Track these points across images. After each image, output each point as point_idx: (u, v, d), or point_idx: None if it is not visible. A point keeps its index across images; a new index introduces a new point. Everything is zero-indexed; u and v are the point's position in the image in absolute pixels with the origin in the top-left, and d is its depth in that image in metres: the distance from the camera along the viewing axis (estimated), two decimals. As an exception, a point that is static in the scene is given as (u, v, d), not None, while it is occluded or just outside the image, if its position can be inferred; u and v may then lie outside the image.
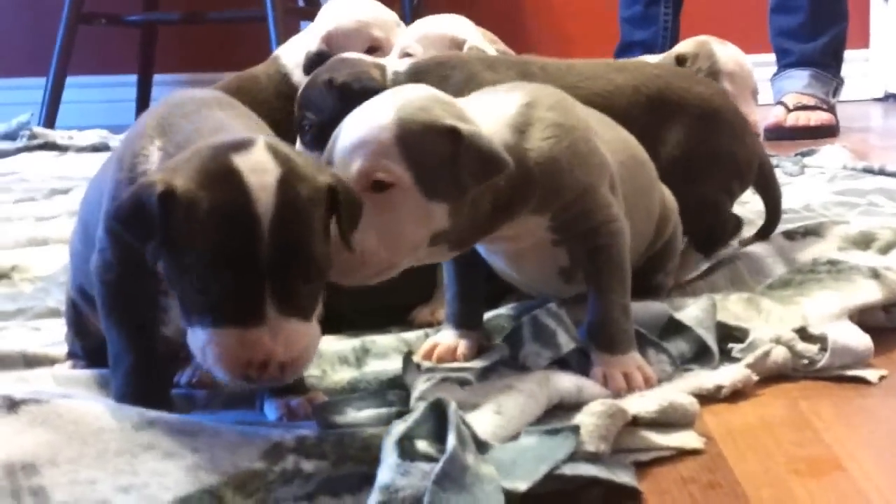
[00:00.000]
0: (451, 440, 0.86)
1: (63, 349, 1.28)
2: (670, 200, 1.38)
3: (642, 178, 1.29)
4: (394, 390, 1.09)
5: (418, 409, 0.92)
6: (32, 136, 3.42)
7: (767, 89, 3.59)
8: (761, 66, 3.87)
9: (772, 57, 3.58)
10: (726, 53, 1.92)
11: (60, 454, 0.87)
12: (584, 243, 1.16)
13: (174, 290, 0.97)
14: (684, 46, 1.98)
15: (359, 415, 1.01)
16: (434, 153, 1.03)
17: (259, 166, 0.92)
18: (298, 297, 0.94)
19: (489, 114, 1.12)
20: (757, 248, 1.59)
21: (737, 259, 1.53)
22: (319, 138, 1.47)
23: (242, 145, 0.94)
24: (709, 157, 1.50)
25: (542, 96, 1.16)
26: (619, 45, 3.40)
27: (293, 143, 1.52)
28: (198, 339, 0.94)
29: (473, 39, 1.72)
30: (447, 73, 1.47)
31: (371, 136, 1.04)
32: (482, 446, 0.91)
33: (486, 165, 1.05)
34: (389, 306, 1.41)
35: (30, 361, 1.28)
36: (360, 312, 1.39)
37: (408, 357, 1.13)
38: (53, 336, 1.36)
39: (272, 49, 3.18)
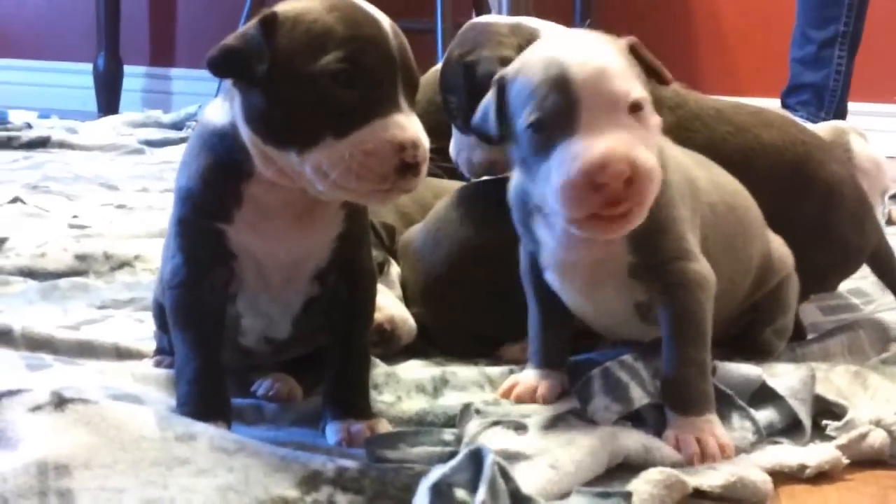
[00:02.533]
0: (481, 494, 0.82)
1: (154, 344, 1.30)
2: (781, 252, 1.31)
3: (734, 223, 1.23)
4: (454, 429, 1.06)
5: (460, 455, 0.88)
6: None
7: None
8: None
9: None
10: (864, 150, 1.84)
11: (96, 458, 0.87)
12: (660, 279, 1.11)
13: (282, 136, 0.97)
14: (821, 130, 1.89)
15: (410, 451, 0.99)
16: (633, 63, 1.08)
17: None
18: (415, 94, 0.99)
19: None
20: (885, 316, 1.48)
21: (859, 326, 1.43)
22: (469, 121, 1.43)
23: None
24: (821, 237, 1.41)
25: None
26: (788, 87, 3.25)
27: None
28: (335, 152, 0.95)
29: None
30: None
31: (614, 62, 1.05)
32: (523, 502, 0.86)
33: (660, 70, 1.11)
34: (484, 338, 1.37)
35: (121, 353, 1.32)
36: (454, 340, 1.37)
37: (466, 407, 1.09)
38: (154, 330, 1.38)
39: (437, 61, 3.18)
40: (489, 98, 1.11)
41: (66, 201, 2.35)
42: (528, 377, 1.21)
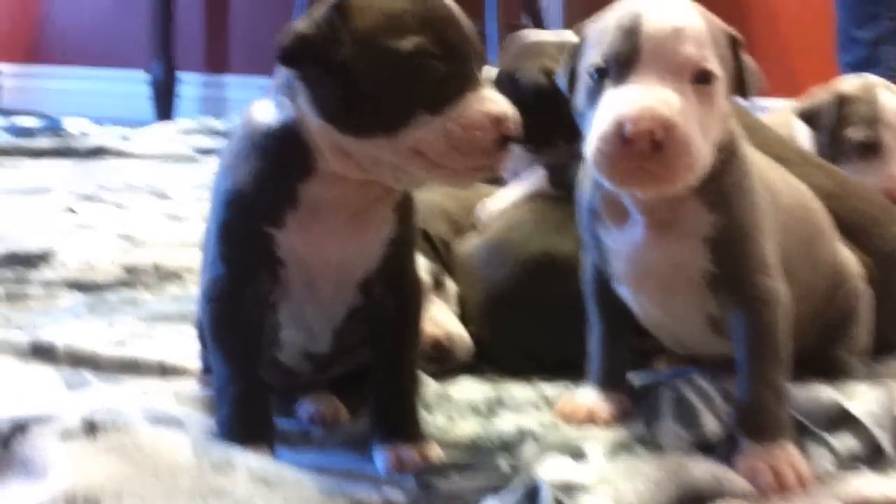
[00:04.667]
0: (537, 532, 0.76)
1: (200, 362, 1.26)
2: (850, 262, 1.23)
3: (808, 225, 1.17)
4: (511, 454, 1.00)
5: (515, 488, 0.82)
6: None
7: None
8: None
9: None
10: (892, 103, 1.73)
11: (127, 488, 0.83)
12: (738, 293, 1.04)
13: (369, 120, 0.94)
14: (847, 85, 1.78)
15: (463, 484, 0.93)
16: (725, 53, 1.02)
17: None
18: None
19: None
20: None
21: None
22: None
23: None
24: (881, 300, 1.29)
25: None
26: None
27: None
28: (433, 129, 0.92)
29: None
30: None
31: (693, 25, 0.99)
32: (583, 538, 0.80)
33: (756, 78, 1.05)
34: (546, 359, 1.30)
35: (165, 371, 1.28)
36: (515, 360, 1.31)
37: (522, 432, 1.03)
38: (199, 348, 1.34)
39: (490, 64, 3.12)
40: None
41: (118, 211, 2.33)
42: (587, 397, 1.14)
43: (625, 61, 0.97)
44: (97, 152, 3.16)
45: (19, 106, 4.10)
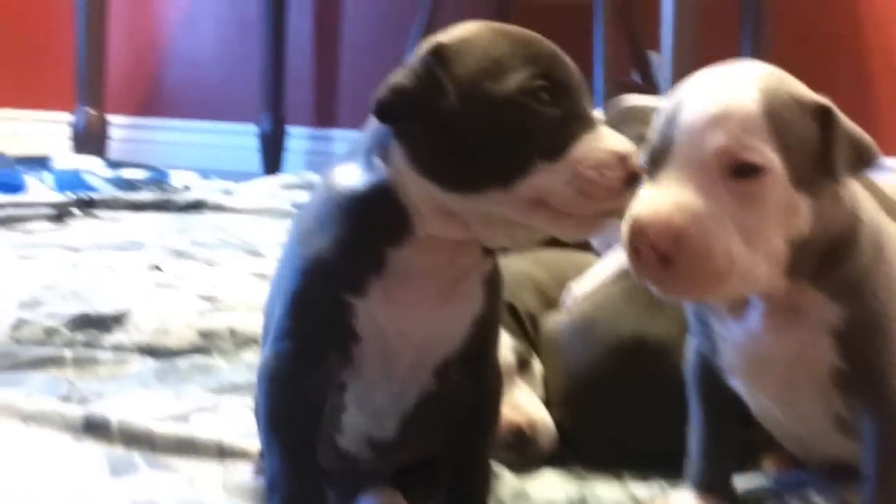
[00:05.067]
0: None
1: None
2: None
3: None
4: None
5: None
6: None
7: None
8: None
9: None
10: None
11: None
12: (867, 395, 0.92)
13: (480, 174, 0.85)
14: None
15: None
16: (802, 133, 0.87)
17: None
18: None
19: None
20: None
21: None
22: None
23: None
24: None
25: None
26: None
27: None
28: (555, 175, 0.84)
29: None
30: None
31: (735, 107, 0.86)
32: None
33: (860, 152, 0.89)
34: (636, 451, 1.17)
35: (223, 452, 1.18)
36: (601, 452, 1.18)
37: None
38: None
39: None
40: None
41: (206, 269, 2.26)
42: (684, 502, 1.01)
43: (658, 159, 0.88)
44: (196, 206, 3.13)
45: (129, 158, 4.13)
